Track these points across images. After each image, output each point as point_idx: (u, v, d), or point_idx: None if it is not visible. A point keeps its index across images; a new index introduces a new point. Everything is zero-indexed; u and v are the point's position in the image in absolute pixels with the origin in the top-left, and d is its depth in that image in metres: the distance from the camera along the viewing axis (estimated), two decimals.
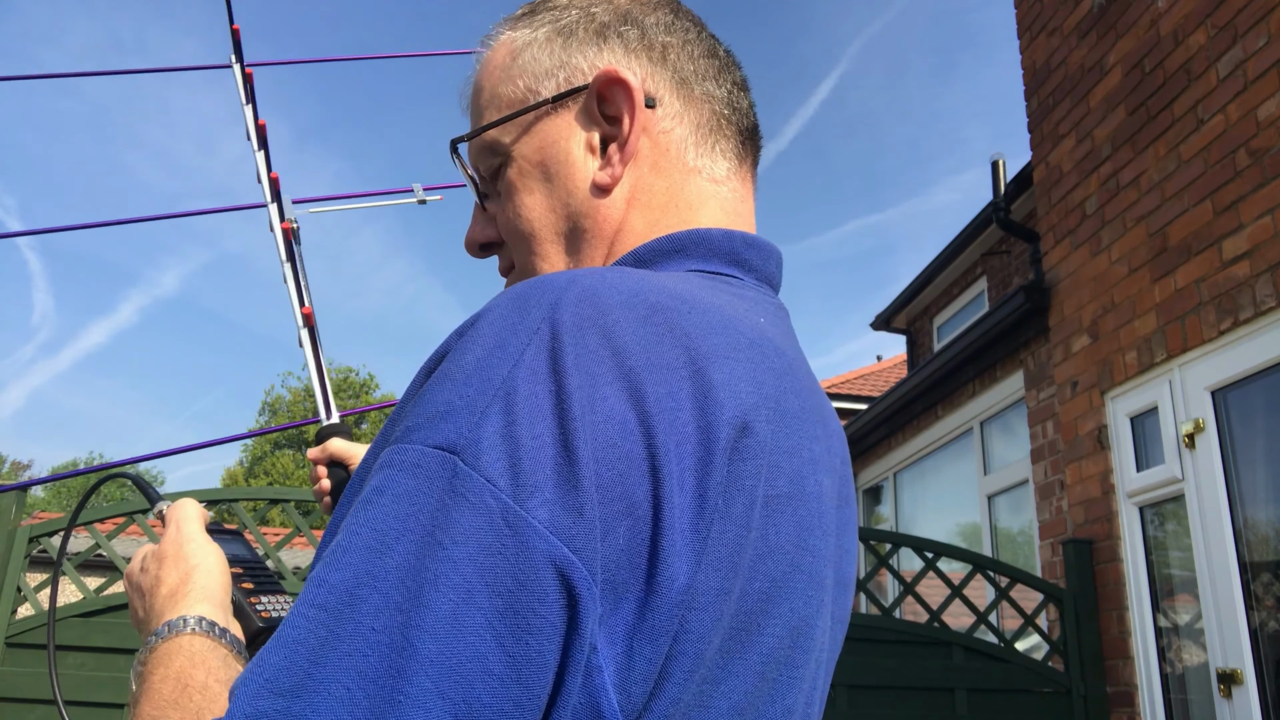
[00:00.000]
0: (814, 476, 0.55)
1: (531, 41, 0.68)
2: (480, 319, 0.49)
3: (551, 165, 0.67)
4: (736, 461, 0.48)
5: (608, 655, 0.44)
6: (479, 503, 0.42)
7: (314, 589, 0.42)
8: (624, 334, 0.47)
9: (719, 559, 0.47)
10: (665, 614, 0.45)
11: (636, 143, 0.65)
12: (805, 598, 0.54)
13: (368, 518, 0.43)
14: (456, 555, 0.41)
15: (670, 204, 0.65)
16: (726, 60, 0.71)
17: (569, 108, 0.66)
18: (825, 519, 0.57)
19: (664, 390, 0.47)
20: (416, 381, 0.50)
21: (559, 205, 0.66)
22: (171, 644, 0.61)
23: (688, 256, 0.62)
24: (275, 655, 0.41)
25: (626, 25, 0.67)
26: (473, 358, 0.47)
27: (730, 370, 0.50)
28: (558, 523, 0.42)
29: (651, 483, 0.45)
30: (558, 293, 0.48)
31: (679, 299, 0.52)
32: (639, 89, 0.64)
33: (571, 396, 0.44)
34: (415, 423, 0.46)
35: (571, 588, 0.42)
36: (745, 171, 0.70)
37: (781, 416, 0.53)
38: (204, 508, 0.78)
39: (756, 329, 0.56)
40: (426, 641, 0.40)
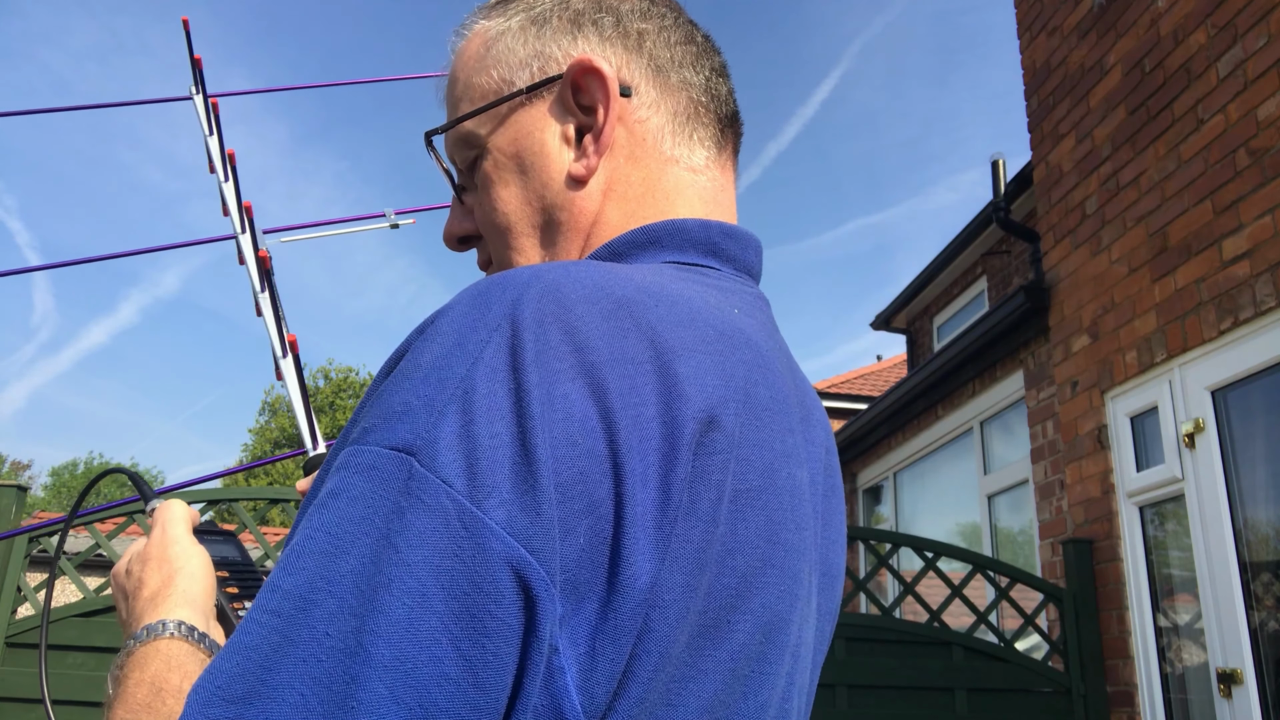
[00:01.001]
0: (786, 469, 0.54)
1: (505, 31, 0.67)
2: (440, 316, 0.48)
3: (526, 157, 0.65)
4: (702, 456, 0.47)
5: (570, 656, 0.43)
6: (434, 504, 0.41)
7: (267, 594, 0.42)
8: (587, 329, 0.47)
9: (684, 556, 0.46)
10: (628, 613, 0.44)
11: (612, 133, 0.64)
12: (778, 593, 0.53)
13: (323, 521, 0.43)
14: (411, 559, 0.40)
15: (647, 194, 0.64)
16: (704, 45, 0.69)
17: (544, 98, 0.65)
18: (799, 512, 0.55)
19: (627, 385, 0.46)
20: (377, 380, 0.49)
21: (534, 198, 0.65)
22: (149, 648, 0.60)
23: (663, 248, 0.61)
24: (228, 662, 0.40)
25: (601, 12, 0.66)
26: (431, 356, 0.46)
27: (697, 363, 0.49)
28: (515, 523, 0.42)
29: (613, 480, 0.44)
30: (520, 289, 0.47)
31: (645, 292, 0.51)
32: (614, 78, 0.63)
33: (530, 394, 0.44)
34: (372, 423, 0.45)
35: (529, 589, 0.41)
36: (725, 159, 0.69)
37: (751, 409, 0.52)
38: (194, 509, 0.77)
39: (728, 320, 0.55)
40: (380, 646, 0.39)
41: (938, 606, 3.58)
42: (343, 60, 55.10)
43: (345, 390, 29.93)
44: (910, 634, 3.52)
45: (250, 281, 1.16)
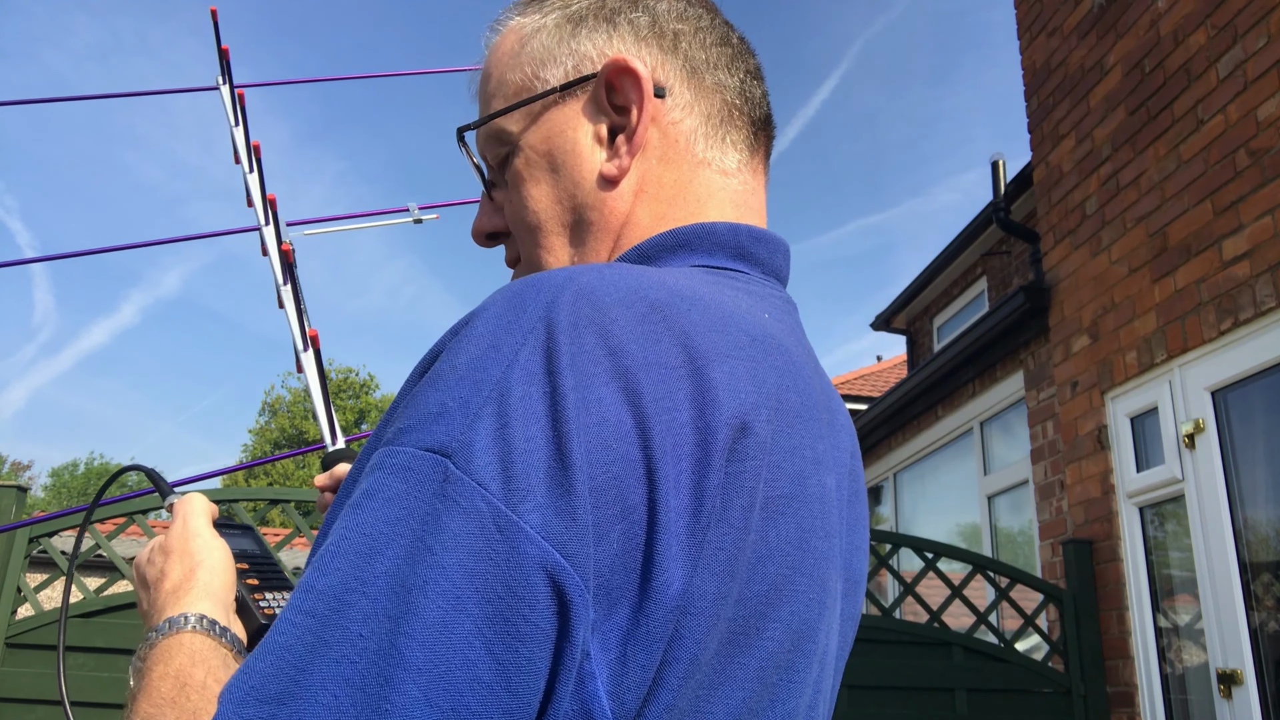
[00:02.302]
0: (816, 476, 0.54)
1: (540, 28, 0.67)
2: (475, 318, 0.48)
3: (558, 155, 0.65)
4: (735, 463, 0.47)
5: (601, 662, 0.43)
6: (470, 507, 0.41)
7: (302, 595, 0.42)
8: (621, 333, 0.46)
9: (716, 563, 0.46)
10: (660, 620, 0.44)
11: (645, 134, 0.63)
12: (806, 600, 0.52)
13: (358, 522, 0.43)
14: (446, 561, 0.40)
15: (678, 196, 0.64)
16: (740, 47, 0.69)
17: (577, 97, 0.65)
18: (829, 519, 0.55)
19: (661, 390, 0.46)
20: (410, 380, 0.49)
21: (565, 197, 0.65)
22: (172, 641, 0.60)
23: (692, 251, 0.61)
24: (262, 662, 0.40)
25: (637, 11, 0.66)
26: (467, 358, 0.46)
27: (730, 369, 0.49)
28: (550, 527, 0.41)
29: (647, 486, 0.44)
30: (554, 291, 0.47)
31: (679, 296, 0.51)
32: (648, 78, 0.63)
33: (566, 397, 0.44)
34: (407, 424, 0.45)
35: (563, 593, 0.41)
36: (757, 163, 0.69)
37: (783, 415, 0.52)
38: (213, 503, 0.77)
39: (759, 325, 0.55)
40: (414, 649, 0.39)
41: (938, 607, 3.58)
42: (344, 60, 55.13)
43: (345, 390, 29.92)
44: (910, 634, 3.52)
45: (272, 274, 1.16)
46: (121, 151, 53.98)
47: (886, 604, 3.76)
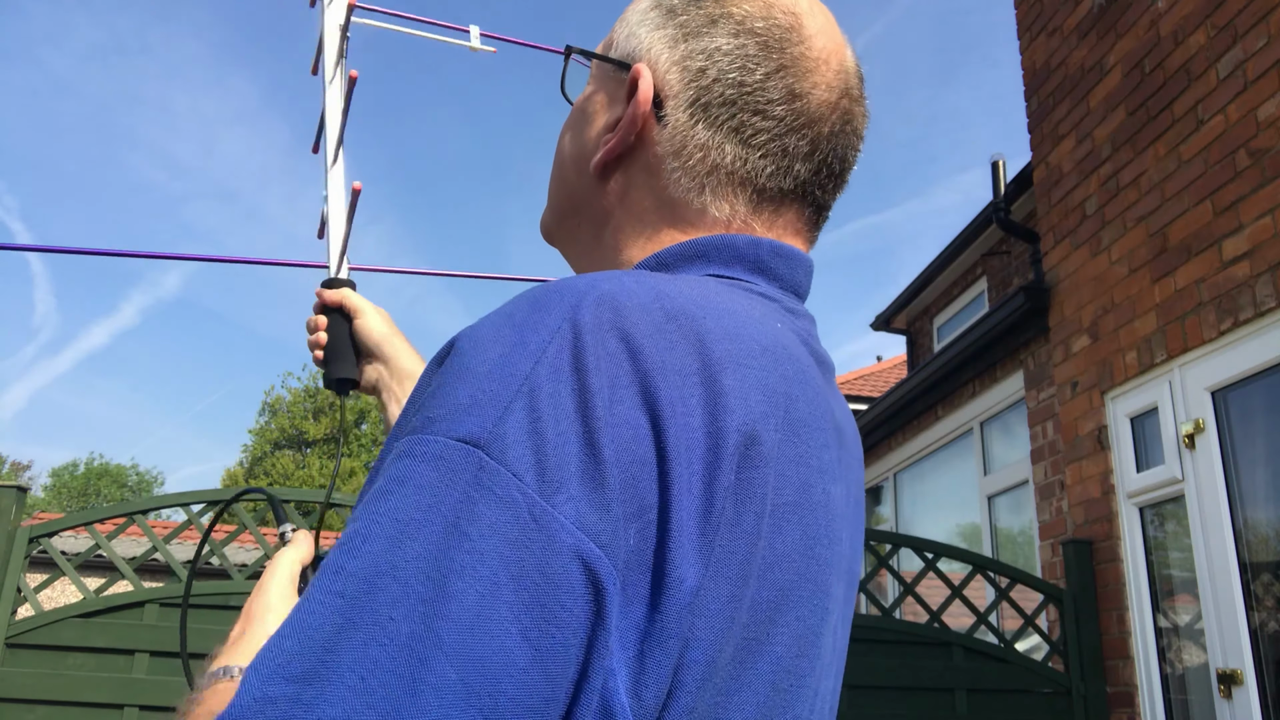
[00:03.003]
0: (821, 485, 0.55)
1: (647, 3, 0.70)
2: (500, 317, 0.49)
3: (584, 120, 0.70)
4: (745, 470, 0.48)
5: (620, 658, 0.44)
6: (505, 496, 0.42)
7: (330, 576, 0.42)
8: (641, 338, 0.48)
9: (727, 567, 0.47)
10: (674, 618, 0.45)
11: (621, 145, 0.66)
12: (811, 606, 0.53)
13: (389, 507, 0.43)
14: (483, 547, 0.41)
15: (651, 217, 0.66)
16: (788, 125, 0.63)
17: (620, 79, 0.68)
18: (832, 527, 0.56)
19: (676, 395, 0.47)
20: (428, 371, 0.50)
21: (577, 157, 0.70)
22: (216, 688, 0.61)
23: (709, 262, 0.62)
24: (289, 640, 0.40)
25: (700, 38, 0.65)
26: (494, 354, 0.47)
27: (741, 377, 0.50)
28: (584, 519, 0.42)
29: (660, 486, 0.45)
30: (578, 295, 0.49)
31: (694, 304, 0.52)
32: (646, 97, 0.64)
33: (594, 396, 0.45)
34: (435, 414, 0.45)
35: (598, 582, 0.42)
36: (770, 222, 0.66)
37: (791, 425, 0.53)
38: (311, 545, 0.77)
39: (771, 334, 0.55)
40: (451, 632, 0.39)
41: (938, 607, 3.58)
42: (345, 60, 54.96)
43: None
44: (910, 634, 3.52)
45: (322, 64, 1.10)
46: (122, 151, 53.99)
47: (886, 604, 3.76)
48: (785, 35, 0.64)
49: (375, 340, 1.03)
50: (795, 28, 0.64)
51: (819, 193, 0.66)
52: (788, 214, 0.66)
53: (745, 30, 0.64)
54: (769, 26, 0.64)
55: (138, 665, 3.14)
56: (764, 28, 0.64)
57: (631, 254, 0.66)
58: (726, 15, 0.64)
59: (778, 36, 0.64)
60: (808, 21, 0.65)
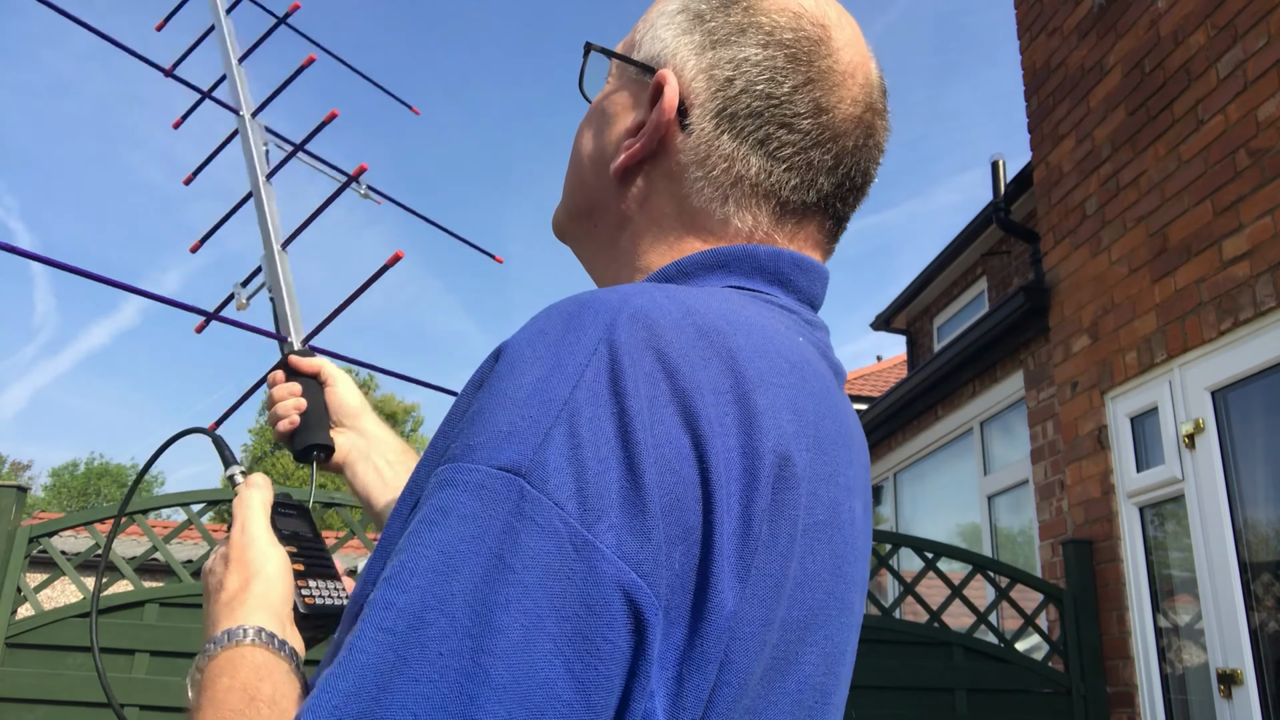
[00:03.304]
0: (848, 502, 0.55)
1: (675, 2, 0.68)
2: (534, 338, 0.49)
3: (605, 121, 0.69)
4: (780, 490, 0.48)
5: (659, 681, 0.44)
6: (547, 526, 0.42)
7: (380, 611, 0.42)
8: (677, 356, 0.47)
9: (762, 588, 0.47)
10: (714, 641, 0.45)
11: (644, 151, 0.65)
12: (838, 624, 0.54)
13: (433, 538, 0.43)
14: (526, 580, 0.41)
15: (672, 223, 0.65)
16: (813, 139, 0.63)
17: (644, 82, 0.67)
18: (856, 544, 0.57)
19: (715, 414, 0.47)
20: (466, 394, 0.50)
21: (596, 158, 0.69)
22: (234, 653, 0.60)
23: (730, 273, 0.61)
24: (343, 681, 0.41)
25: (728, 47, 0.64)
26: (532, 377, 0.46)
27: (773, 397, 0.50)
28: (625, 547, 0.42)
29: (703, 508, 0.45)
30: (611, 313, 0.48)
31: (725, 320, 0.52)
32: (671, 105, 0.63)
33: (634, 419, 0.44)
34: (476, 441, 0.45)
35: (639, 613, 0.42)
36: (792, 234, 0.65)
37: (820, 444, 0.53)
38: (271, 488, 0.76)
39: (797, 350, 0.56)
40: (498, 668, 0.40)
41: (938, 607, 3.58)
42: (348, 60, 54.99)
43: None
44: (910, 634, 3.52)
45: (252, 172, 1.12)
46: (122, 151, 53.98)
47: (886, 604, 3.76)
48: (814, 48, 0.63)
49: (353, 408, 1.01)
50: (824, 40, 0.64)
51: (840, 206, 0.66)
52: (809, 226, 0.65)
53: (774, 41, 0.63)
54: (798, 38, 0.63)
55: (138, 665, 3.14)
56: (793, 39, 0.63)
57: (650, 259, 0.65)
58: (755, 25, 0.63)
59: (806, 49, 0.63)
60: (836, 34, 0.65)
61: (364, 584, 0.50)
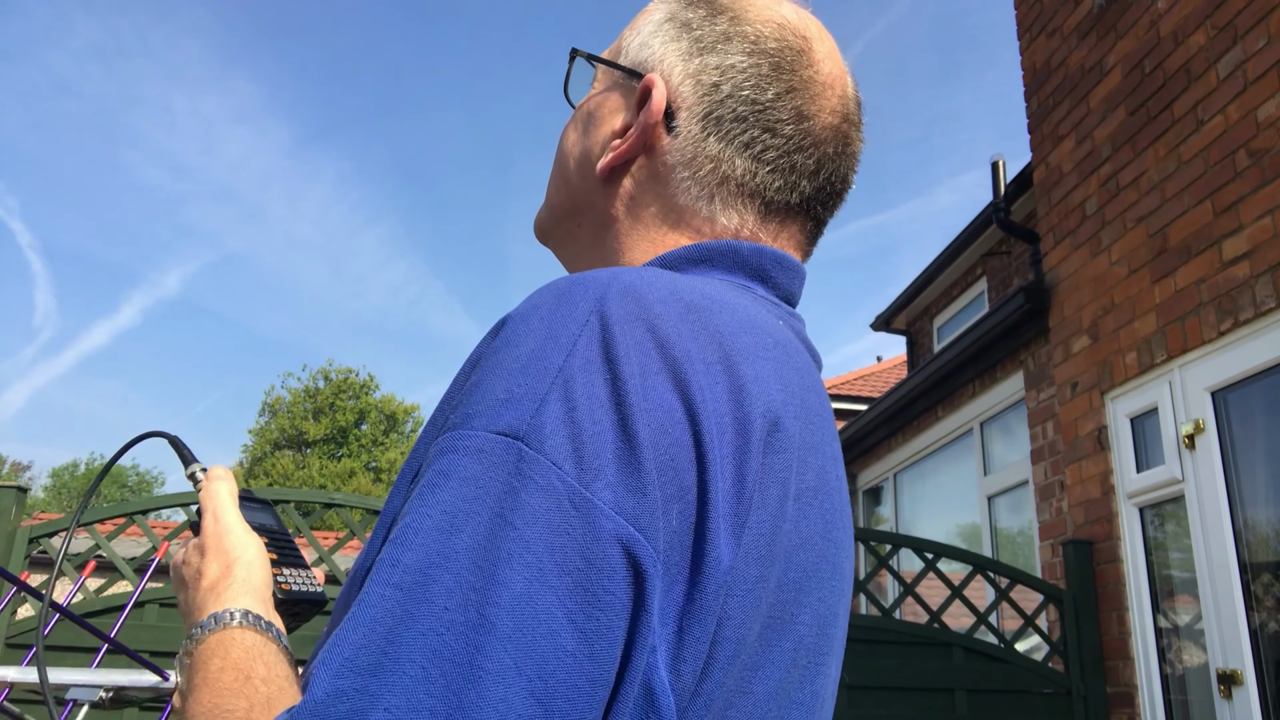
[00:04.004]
0: (835, 471, 0.58)
1: (656, 9, 0.71)
2: (528, 313, 0.51)
3: (592, 123, 0.71)
4: (770, 454, 0.50)
5: (660, 636, 0.45)
6: (546, 485, 0.43)
7: (387, 569, 0.43)
8: (666, 327, 0.50)
9: (756, 547, 0.49)
10: (711, 595, 0.46)
11: (629, 152, 0.67)
12: (830, 587, 0.56)
13: (436, 500, 0.44)
14: (528, 535, 0.43)
15: (655, 223, 0.67)
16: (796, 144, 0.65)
17: (631, 86, 0.69)
18: (845, 513, 0.59)
19: (705, 381, 0.49)
20: (464, 371, 0.52)
21: (582, 159, 0.71)
22: (223, 635, 0.60)
23: (713, 267, 0.64)
24: (353, 634, 0.42)
25: (714, 54, 0.66)
26: (527, 348, 0.48)
27: (759, 368, 0.52)
28: (622, 504, 0.44)
29: (697, 468, 0.47)
30: (601, 288, 0.50)
31: (709, 299, 0.54)
32: (659, 108, 0.65)
33: (626, 384, 0.46)
34: (474, 410, 0.47)
35: (638, 565, 0.43)
36: (775, 233, 0.68)
37: (806, 414, 0.55)
38: (234, 480, 0.77)
39: (779, 330, 0.58)
40: (503, 618, 0.41)
41: (938, 607, 3.58)
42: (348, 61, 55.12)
43: (345, 391, 29.91)
44: (910, 635, 3.52)
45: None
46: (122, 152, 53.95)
47: (886, 604, 3.76)
48: (796, 58, 0.66)
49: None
50: (805, 51, 0.67)
51: (820, 210, 0.69)
52: (791, 227, 0.68)
53: (759, 50, 0.66)
54: (781, 48, 0.66)
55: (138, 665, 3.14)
56: (776, 49, 0.66)
57: (634, 257, 0.67)
58: (741, 34, 0.66)
59: (789, 59, 0.66)
60: (817, 47, 0.68)
61: (366, 555, 0.52)
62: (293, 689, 0.55)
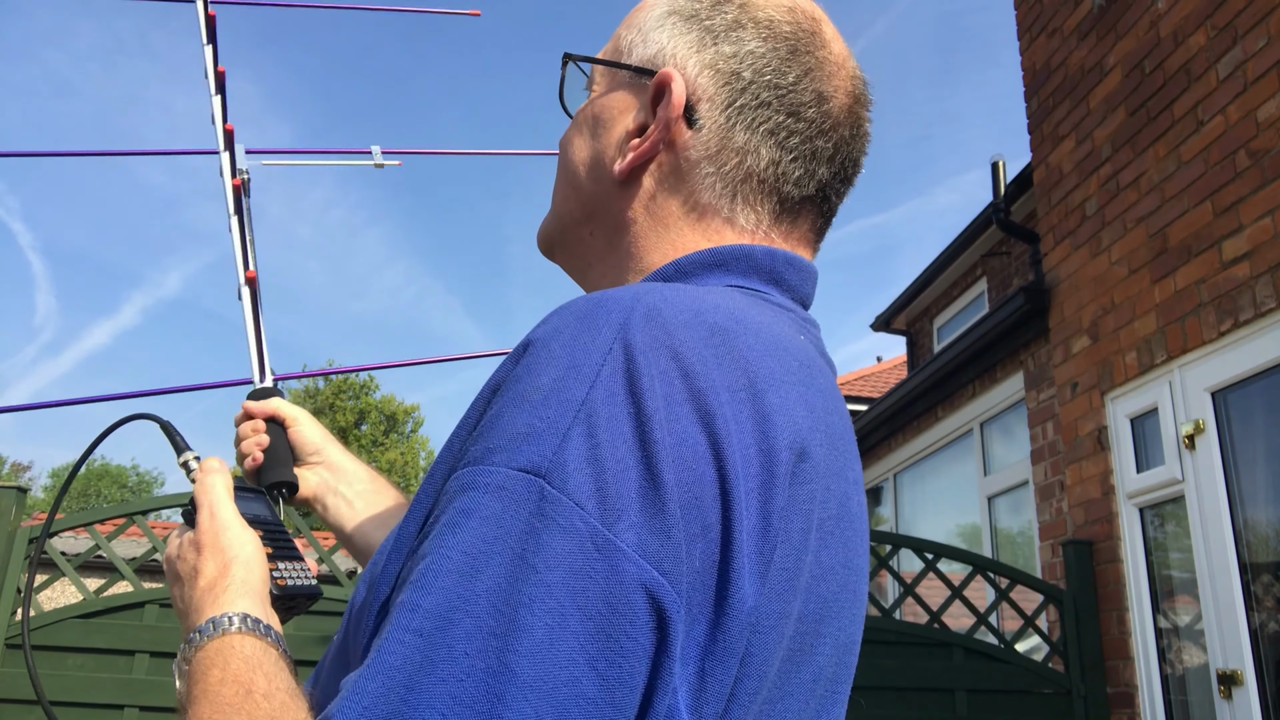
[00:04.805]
0: (856, 497, 0.57)
1: (656, 5, 0.69)
2: (549, 338, 0.49)
3: (600, 126, 0.69)
4: (795, 486, 0.49)
5: (681, 676, 0.44)
6: (568, 526, 0.42)
7: (407, 614, 0.42)
8: (690, 356, 0.48)
9: (781, 583, 0.48)
10: (735, 636, 0.45)
11: (651, 150, 0.65)
12: (850, 616, 0.55)
13: (456, 541, 0.43)
14: (549, 579, 0.41)
15: (677, 224, 0.65)
16: (817, 128, 0.65)
17: (641, 85, 0.67)
18: (864, 538, 0.58)
19: (730, 413, 0.47)
20: (483, 397, 0.50)
21: (592, 165, 0.69)
22: (223, 643, 0.59)
23: (728, 272, 0.62)
24: (372, 682, 0.41)
25: (727, 42, 0.65)
26: (549, 378, 0.47)
27: (785, 395, 0.51)
28: (646, 546, 0.43)
29: (722, 505, 0.45)
30: (625, 312, 0.49)
31: (734, 320, 0.52)
32: (679, 103, 0.63)
33: (651, 419, 0.45)
34: (495, 444, 0.46)
35: (662, 610, 0.42)
36: (787, 233, 0.67)
37: (831, 439, 0.54)
38: (229, 472, 0.75)
39: (802, 349, 0.57)
40: (524, 665, 0.40)
41: (938, 608, 3.58)
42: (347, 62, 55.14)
43: (345, 391, 29.90)
44: (910, 635, 3.52)
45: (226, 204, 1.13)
46: None
47: (886, 605, 3.76)
48: (810, 39, 0.65)
49: (316, 444, 1.00)
50: (817, 32, 0.66)
51: (834, 196, 0.68)
52: (803, 225, 0.67)
53: (774, 34, 0.64)
54: (795, 31, 0.65)
55: (138, 666, 3.14)
56: (791, 32, 0.65)
57: (652, 259, 0.65)
58: (753, 20, 0.65)
59: (805, 41, 0.65)
60: (825, 28, 0.67)
61: (371, 585, 0.51)
62: (294, 704, 0.54)
